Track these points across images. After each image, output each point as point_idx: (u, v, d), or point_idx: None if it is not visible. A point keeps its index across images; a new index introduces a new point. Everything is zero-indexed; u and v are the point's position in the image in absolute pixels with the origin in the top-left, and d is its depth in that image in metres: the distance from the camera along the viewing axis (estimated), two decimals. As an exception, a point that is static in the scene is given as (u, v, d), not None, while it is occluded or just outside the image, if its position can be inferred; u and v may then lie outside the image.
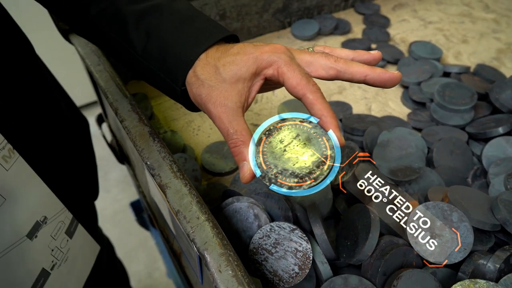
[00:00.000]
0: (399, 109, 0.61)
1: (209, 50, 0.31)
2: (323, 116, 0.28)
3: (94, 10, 0.34)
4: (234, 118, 0.29)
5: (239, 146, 0.29)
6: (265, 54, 0.29)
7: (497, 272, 0.34)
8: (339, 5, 0.82)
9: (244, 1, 0.68)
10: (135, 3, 0.34)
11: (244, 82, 0.29)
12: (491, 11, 0.84)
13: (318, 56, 0.30)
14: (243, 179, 0.29)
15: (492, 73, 0.64)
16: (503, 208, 0.37)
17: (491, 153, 0.47)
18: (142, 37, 0.32)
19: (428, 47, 0.70)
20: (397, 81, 0.29)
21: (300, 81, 0.28)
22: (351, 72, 0.29)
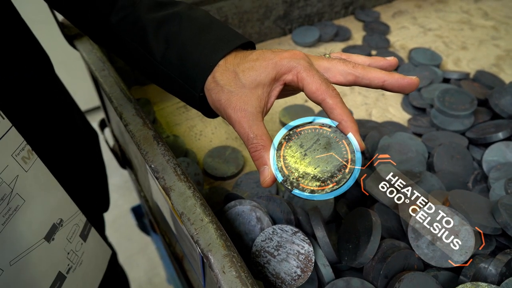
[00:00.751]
0: (399, 115, 0.62)
1: (227, 57, 0.31)
2: (343, 120, 0.28)
3: (114, 18, 0.35)
4: (254, 122, 0.29)
5: (259, 150, 0.29)
6: (284, 60, 0.30)
7: (499, 275, 0.34)
8: (339, 12, 0.83)
9: (245, 8, 0.69)
10: (154, 11, 0.34)
11: (264, 88, 0.30)
12: (490, 18, 0.86)
13: (336, 62, 0.30)
14: (263, 183, 0.29)
15: (491, 79, 0.64)
16: (503, 212, 0.37)
17: (491, 158, 0.48)
18: (161, 44, 0.33)
19: (427, 54, 0.71)
20: (415, 86, 0.29)
21: (320, 86, 0.28)
22: (369, 78, 0.29)
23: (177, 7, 0.35)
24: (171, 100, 0.64)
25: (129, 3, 0.35)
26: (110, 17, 0.35)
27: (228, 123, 0.59)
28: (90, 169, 0.52)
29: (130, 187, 1.40)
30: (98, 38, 0.39)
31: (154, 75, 0.35)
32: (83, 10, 0.36)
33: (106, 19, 0.35)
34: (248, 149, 0.29)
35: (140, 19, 0.34)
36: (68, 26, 0.52)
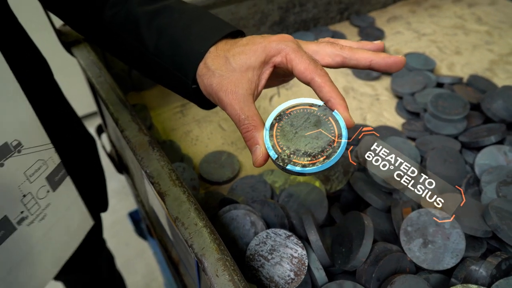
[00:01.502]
0: (393, 119, 0.62)
1: (218, 44, 0.32)
2: (332, 98, 0.29)
3: (107, 14, 0.36)
4: (245, 104, 0.29)
5: (250, 131, 0.29)
6: (273, 42, 0.30)
7: (489, 277, 0.35)
8: (335, 17, 0.84)
9: (241, 14, 0.70)
10: (146, 5, 0.35)
11: (254, 70, 0.30)
12: (484, 23, 0.87)
13: (324, 45, 0.31)
14: (255, 163, 0.29)
15: (485, 84, 0.65)
16: (494, 215, 0.38)
17: (484, 161, 0.48)
18: (154, 35, 0.34)
19: (421, 59, 0.71)
20: (401, 64, 0.30)
21: (308, 66, 0.29)
22: (356, 58, 0.30)
23: (168, 0, 0.36)
24: (168, 105, 0.64)
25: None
26: (103, 14, 0.36)
27: (222, 127, 0.60)
28: (89, 174, 0.52)
29: (127, 192, 1.41)
30: (92, 35, 0.40)
31: (148, 68, 0.36)
32: (77, 8, 0.37)
33: (99, 15, 0.36)
34: (240, 130, 0.30)
35: (132, 13, 0.35)
36: (66, 33, 0.53)
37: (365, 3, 0.87)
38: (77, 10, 0.37)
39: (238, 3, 0.68)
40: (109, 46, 0.39)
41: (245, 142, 0.30)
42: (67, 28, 0.54)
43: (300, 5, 0.76)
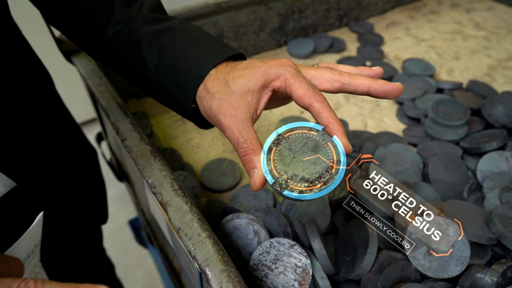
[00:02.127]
0: (394, 125, 0.62)
1: (218, 66, 0.32)
2: (330, 123, 0.29)
3: (110, 32, 0.36)
4: (244, 127, 0.30)
5: (249, 154, 0.29)
6: (272, 67, 0.31)
7: (495, 285, 0.34)
8: (334, 24, 0.85)
9: (241, 22, 0.70)
10: (149, 25, 0.35)
11: (253, 94, 0.31)
12: (482, 28, 0.87)
13: (322, 70, 0.31)
14: (253, 186, 0.29)
15: (484, 89, 0.65)
16: (498, 222, 0.38)
17: (485, 167, 0.48)
18: (155, 55, 0.34)
19: (421, 64, 0.72)
20: (399, 92, 0.30)
21: (307, 91, 0.29)
22: (354, 84, 0.30)
23: (171, 22, 0.36)
24: (168, 113, 0.64)
25: (125, 17, 0.36)
26: (106, 31, 0.36)
27: (223, 135, 0.60)
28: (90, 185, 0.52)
29: (127, 200, 1.40)
30: (94, 52, 0.40)
31: (148, 87, 0.36)
32: (80, 25, 0.37)
33: (103, 33, 0.36)
34: (238, 153, 0.30)
35: (135, 32, 0.35)
36: (65, 42, 0.53)
37: (364, 10, 0.87)
38: (80, 26, 0.37)
39: (238, 10, 0.68)
40: (110, 62, 0.39)
41: (243, 165, 0.30)
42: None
43: (299, 11, 0.77)
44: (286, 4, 0.74)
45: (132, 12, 0.36)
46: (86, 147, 0.52)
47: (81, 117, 1.55)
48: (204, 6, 0.63)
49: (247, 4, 0.68)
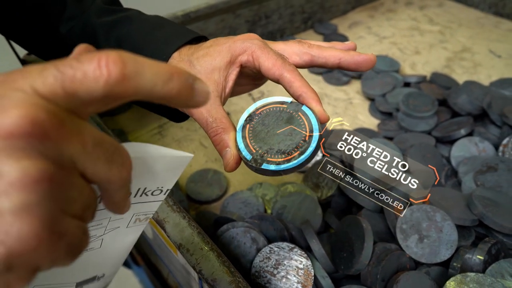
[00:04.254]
0: (368, 121, 0.65)
1: (181, 49, 0.31)
2: (303, 92, 0.28)
3: (64, 28, 0.34)
4: (212, 107, 0.28)
5: (219, 133, 0.28)
6: (238, 41, 0.30)
7: (482, 263, 0.37)
8: (299, 27, 0.87)
9: (210, 31, 0.70)
10: (104, 16, 0.34)
11: (220, 72, 0.29)
12: (435, 23, 0.92)
13: (291, 43, 0.30)
14: (227, 166, 0.28)
15: (446, 80, 0.69)
16: (478, 203, 0.40)
17: (458, 153, 0.51)
18: (113, 45, 0.32)
19: (386, 61, 0.75)
20: (372, 62, 0.30)
21: (276, 62, 0.28)
22: (325, 56, 0.29)
23: (128, 12, 0.35)
24: (145, 127, 0.63)
25: (78, 11, 0.34)
26: (60, 28, 0.34)
27: (204, 145, 0.59)
28: None
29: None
30: (48, 53, 0.38)
31: None
32: (30, 26, 0.35)
33: (56, 30, 0.34)
34: (208, 134, 0.29)
35: (90, 24, 0.33)
36: (32, 62, 0.50)
37: (327, 11, 0.90)
38: (30, 27, 0.35)
39: (206, 19, 0.68)
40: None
41: (214, 146, 0.29)
42: (33, 57, 0.52)
43: (266, 17, 0.78)
44: (253, 11, 0.75)
45: (85, 5, 0.34)
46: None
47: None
48: (173, 17, 0.62)
49: (215, 13, 0.68)
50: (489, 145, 0.51)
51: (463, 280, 0.34)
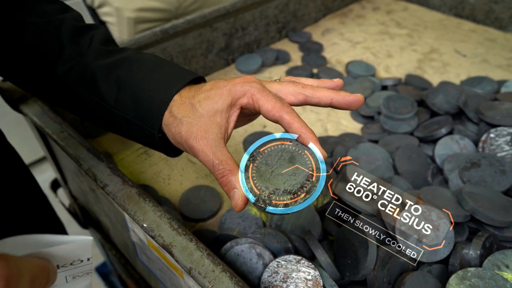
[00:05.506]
0: (351, 125, 0.66)
1: (182, 91, 0.32)
2: (302, 133, 0.29)
3: (61, 70, 0.34)
4: (217, 149, 0.29)
5: (226, 175, 0.29)
6: (237, 85, 0.31)
7: (479, 257, 0.38)
8: (275, 37, 0.88)
9: (188, 45, 0.70)
10: (102, 58, 0.34)
11: (222, 114, 0.30)
12: (403, 27, 0.96)
13: (286, 84, 0.32)
14: (236, 207, 0.29)
15: (420, 81, 0.72)
16: (469, 199, 0.42)
17: (442, 152, 0.54)
18: (113, 88, 0.33)
19: (362, 65, 0.77)
20: (360, 102, 0.31)
21: (275, 104, 0.30)
22: (318, 96, 0.31)
23: (125, 53, 0.35)
24: (129, 148, 0.61)
25: (76, 53, 0.34)
26: (57, 70, 0.34)
27: (192, 162, 0.59)
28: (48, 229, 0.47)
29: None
30: (45, 94, 0.37)
31: (108, 121, 0.35)
32: (28, 67, 0.35)
33: (53, 72, 0.34)
34: (215, 176, 0.29)
35: (88, 67, 0.33)
36: (9, 90, 0.48)
37: (299, 20, 0.92)
38: (28, 68, 0.35)
39: (184, 34, 0.68)
40: (65, 103, 0.36)
41: (221, 187, 0.30)
42: (9, 84, 0.50)
43: (242, 29, 0.78)
44: (229, 24, 0.75)
45: (82, 46, 0.34)
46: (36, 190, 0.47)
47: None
48: (152, 34, 0.62)
49: (192, 27, 0.68)
50: (470, 142, 0.53)
51: (465, 275, 0.35)
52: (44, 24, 0.35)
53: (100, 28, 0.37)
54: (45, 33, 0.34)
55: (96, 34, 0.36)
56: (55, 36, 0.34)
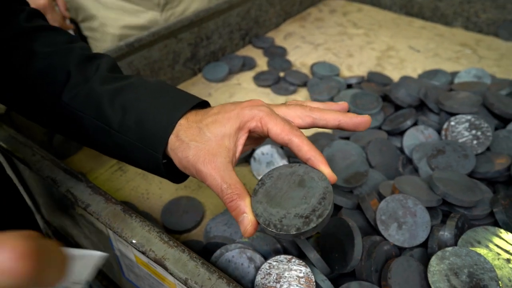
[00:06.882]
0: (322, 124, 0.68)
1: (188, 115, 0.32)
2: (312, 156, 0.30)
3: (67, 96, 0.34)
4: (226, 173, 0.29)
5: (235, 200, 0.28)
6: (245, 109, 0.31)
7: (453, 237, 0.41)
8: (239, 43, 0.89)
9: (154, 58, 0.69)
10: (108, 83, 0.34)
11: (230, 138, 0.30)
12: (359, 27, 1.01)
13: (293, 107, 0.32)
14: (245, 233, 0.28)
15: (381, 77, 0.76)
16: (439, 184, 0.45)
17: (409, 142, 0.57)
18: (118, 112, 0.32)
19: (326, 66, 0.80)
20: (368, 123, 0.32)
21: (284, 128, 0.30)
22: (325, 119, 0.32)
23: (131, 79, 0.35)
24: (103, 166, 0.60)
25: (82, 80, 0.34)
26: (62, 96, 0.34)
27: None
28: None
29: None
30: (47, 120, 0.37)
31: (112, 146, 0.34)
32: (33, 96, 0.34)
33: (58, 99, 0.34)
34: (223, 200, 0.29)
35: (94, 91, 0.33)
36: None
37: (261, 26, 0.93)
38: (32, 97, 0.34)
39: (150, 47, 0.67)
40: (65, 129, 0.36)
41: (230, 212, 0.29)
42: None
43: (207, 38, 0.79)
44: (194, 33, 0.75)
45: (89, 73, 0.34)
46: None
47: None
48: (117, 48, 0.61)
49: (157, 39, 0.67)
50: (433, 131, 0.57)
51: (444, 255, 0.38)
52: (52, 53, 0.34)
53: (106, 57, 0.37)
54: (53, 61, 0.34)
55: (103, 62, 0.36)
56: (63, 64, 0.34)
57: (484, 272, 0.35)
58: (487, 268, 0.35)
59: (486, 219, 0.44)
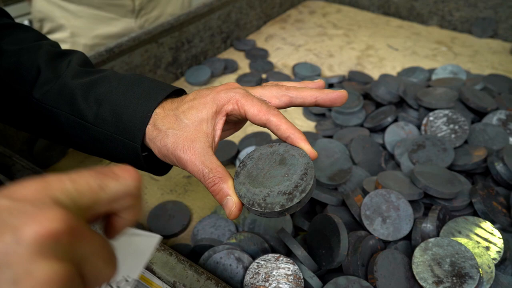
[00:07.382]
0: (305, 124, 0.69)
1: (164, 104, 0.32)
2: (291, 134, 0.30)
3: (37, 93, 0.33)
4: (206, 158, 0.29)
5: (217, 183, 0.28)
6: (221, 92, 0.31)
7: (436, 229, 0.42)
8: (220, 47, 0.89)
9: (136, 63, 0.69)
10: (81, 77, 0.33)
11: (208, 123, 0.30)
12: (339, 27, 1.03)
13: (269, 87, 0.33)
14: (230, 215, 0.28)
15: (361, 76, 0.77)
16: (420, 178, 0.46)
17: (391, 139, 0.58)
18: (93, 105, 0.32)
19: (307, 67, 0.81)
20: (345, 98, 0.32)
21: (261, 108, 0.30)
22: (302, 96, 0.32)
23: (104, 72, 0.34)
24: (86, 173, 0.59)
25: (53, 76, 0.33)
26: (33, 93, 0.33)
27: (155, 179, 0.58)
28: None
29: None
30: (18, 120, 0.36)
31: (88, 140, 0.34)
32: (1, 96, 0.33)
33: (29, 96, 0.33)
34: (206, 185, 0.29)
35: (67, 86, 0.33)
36: None
37: (242, 29, 0.94)
38: (1, 96, 0.33)
39: (131, 52, 0.67)
40: (37, 127, 0.35)
41: (213, 196, 0.29)
42: None
43: (188, 42, 0.79)
44: (175, 38, 0.75)
45: (60, 69, 0.34)
46: None
47: None
48: (97, 55, 0.60)
49: (138, 44, 0.67)
50: (413, 127, 0.58)
51: (427, 246, 0.39)
52: (20, 51, 0.34)
53: (78, 53, 0.36)
54: (21, 58, 0.33)
55: (74, 57, 0.35)
56: (32, 61, 0.33)
57: (465, 260, 0.36)
58: (467, 257, 0.37)
59: (466, 210, 0.46)
